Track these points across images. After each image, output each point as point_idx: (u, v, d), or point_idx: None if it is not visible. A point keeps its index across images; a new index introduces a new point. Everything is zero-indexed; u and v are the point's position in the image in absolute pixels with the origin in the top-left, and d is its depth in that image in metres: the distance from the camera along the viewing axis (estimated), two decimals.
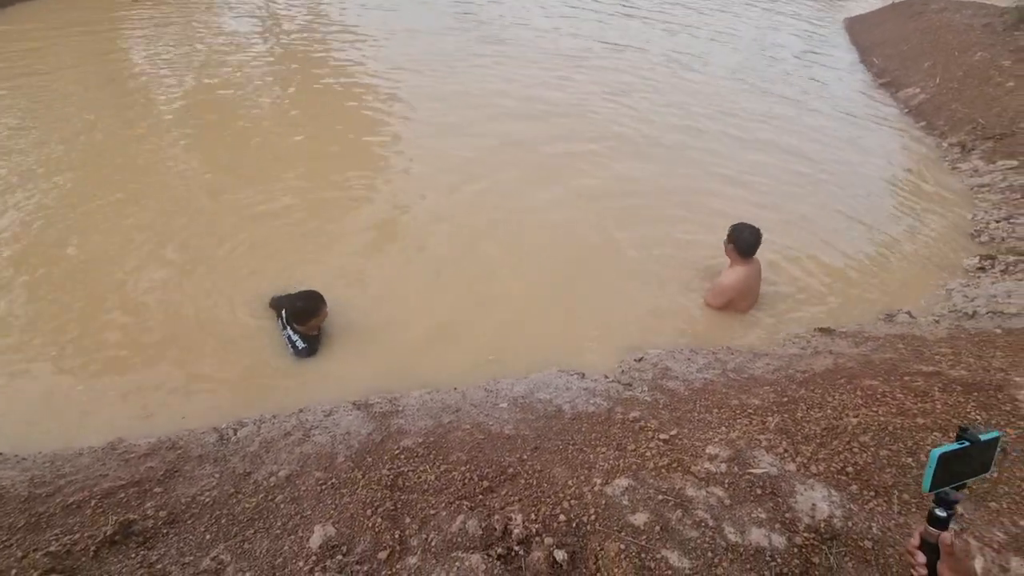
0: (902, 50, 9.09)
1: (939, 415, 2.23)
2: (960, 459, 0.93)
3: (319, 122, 5.82)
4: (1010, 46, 7.75)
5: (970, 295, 4.07)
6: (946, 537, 0.92)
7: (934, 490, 0.94)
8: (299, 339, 3.18)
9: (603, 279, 3.93)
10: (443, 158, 5.22)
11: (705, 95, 7.33)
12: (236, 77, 6.57)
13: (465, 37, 8.50)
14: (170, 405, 2.85)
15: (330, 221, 4.26)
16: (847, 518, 1.79)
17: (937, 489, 0.94)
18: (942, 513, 0.95)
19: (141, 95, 6.05)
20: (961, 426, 0.94)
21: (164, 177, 4.62)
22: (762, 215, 4.69)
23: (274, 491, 2.03)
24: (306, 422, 2.57)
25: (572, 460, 2.13)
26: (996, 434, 0.94)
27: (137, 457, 2.35)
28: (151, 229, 3.99)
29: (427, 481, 2.03)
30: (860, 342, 3.36)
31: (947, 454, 0.91)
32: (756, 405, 2.48)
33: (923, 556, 0.95)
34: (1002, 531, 1.81)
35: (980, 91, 6.81)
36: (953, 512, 0.95)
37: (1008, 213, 4.95)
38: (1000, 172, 5.56)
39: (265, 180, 4.64)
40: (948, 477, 0.93)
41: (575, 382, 2.91)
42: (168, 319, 3.32)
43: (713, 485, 1.90)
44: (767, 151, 5.99)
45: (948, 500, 0.94)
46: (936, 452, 0.91)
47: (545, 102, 6.56)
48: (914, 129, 6.97)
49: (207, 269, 3.69)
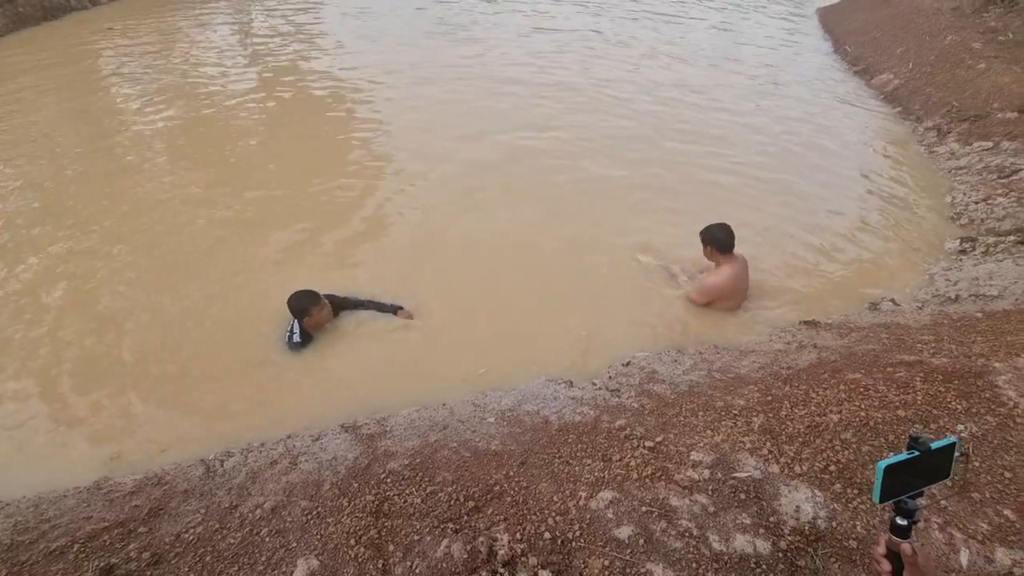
0: (875, 37, 9.17)
1: (920, 406, 2.25)
2: (911, 468, 0.92)
3: (304, 145, 5.82)
4: (979, 28, 7.84)
5: (952, 279, 4.10)
6: (906, 548, 0.92)
7: (886, 501, 0.93)
8: (297, 332, 3.33)
9: (590, 283, 3.94)
10: (434, 170, 5.23)
11: (679, 85, 7.39)
12: (217, 103, 6.56)
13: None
14: (151, 438, 2.84)
15: (312, 237, 4.27)
16: (831, 518, 1.79)
17: (889, 500, 0.93)
18: (902, 522, 0.95)
19: (118, 121, 6.03)
20: (911, 435, 0.94)
21: (141, 205, 4.61)
22: (743, 210, 4.72)
23: (259, 524, 2.01)
24: (293, 448, 2.55)
25: (558, 474, 2.13)
26: (951, 440, 0.94)
27: (122, 496, 2.33)
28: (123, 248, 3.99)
29: (413, 505, 2.02)
30: (845, 333, 3.38)
31: (893, 465, 0.91)
32: (741, 406, 2.48)
33: (889, 564, 0.96)
34: (986, 522, 1.82)
35: (953, 74, 6.88)
36: (915, 520, 0.95)
37: (986, 194, 4.99)
38: (976, 154, 5.61)
39: (246, 198, 4.64)
40: (900, 487, 0.93)
41: (562, 391, 2.91)
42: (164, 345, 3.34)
43: (697, 493, 1.90)
44: (742, 144, 6.02)
45: (907, 509, 0.94)
46: (882, 464, 0.91)
47: (537, 112, 6.59)
48: (890, 114, 7.03)
49: (186, 294, 3.69)
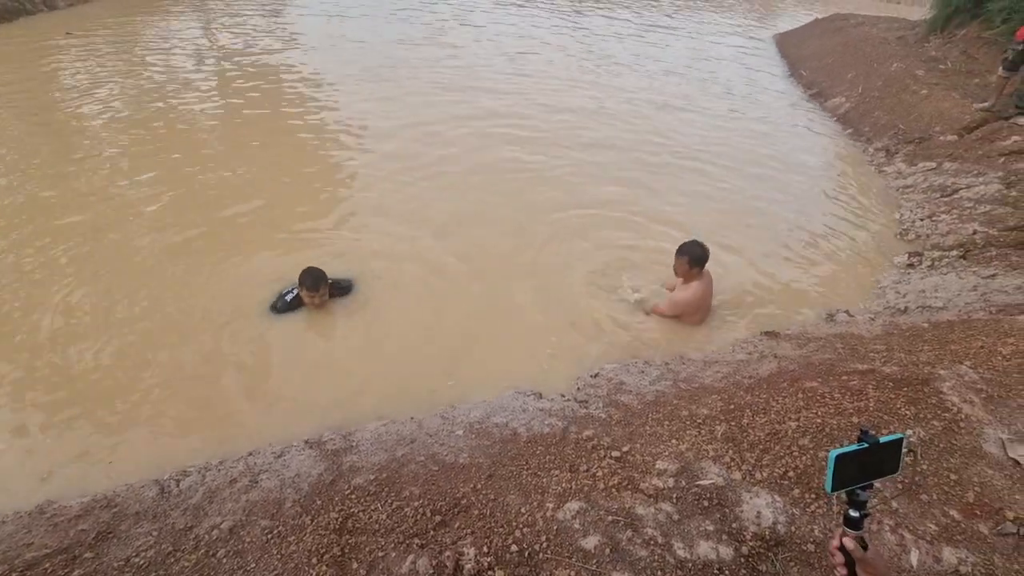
0: (827, 63, 9.69)
1: (872, 412, 2.34)
2: (861, 460, 0.96)
3: (268, 152, 5.72)
4: (922, 56, 8.38)
5: (902, 291, 4.31)
6: (848, 544, 0.96)
7: (837, 490, 0.97)
8: (290, 297, 3.53)
9: (559, 295, 3.98)
10: (396, 181, 5.22)
11: (644, 104, 7.61)
12: (179, 109, 6.41)
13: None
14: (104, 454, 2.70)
15: (278, 248, 4.18)
16: (790, 523, 1.84)
17: (841, 489, 0.97)
18: (855, 513, 0.98)
19: (79, 133, 5.81)
20: (862, 428, 0.98)
21: (98, 222, 4.44)
22: (706, 226, 4.87)
23: (216, 545, 1.93)
24: (255, 466, 2.47)
25: (526, 485, 2.12)
26: (898, 436, 0.98)
27: (67, 520, 2.20)
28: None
29: (378, 521, 1.97)
30: (803, 343, 3.50)
31: (845, 455, 0.95)
32: (705, 415, 2.54)
33: (842, 556, 0.99)
34: (934, 523, 1.90)
35: (899, 99, 7.31)
36: (867, 513, 0.99)
37: (930, 212, 5.30)
38: (921, 174, 5.96)
39: (204, 220, 4.52)
40: (852, 477, 0.97)
41: (531, 403, 2.91)
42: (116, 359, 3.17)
43: (662, 501, 1.92)
44: (705, 164, 6.23)
45: (859, 500, 0.98)
46: (834, 452, 0.94)
47: (502, 121, 6.67)
48: (843, 136, 7.41)
49: (136, 303, 3.55)
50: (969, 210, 5.05)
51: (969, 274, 4.28)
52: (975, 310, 3.71)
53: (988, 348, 2.95)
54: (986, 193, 5.16)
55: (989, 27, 7.81)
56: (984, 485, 2.01)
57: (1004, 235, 4.59)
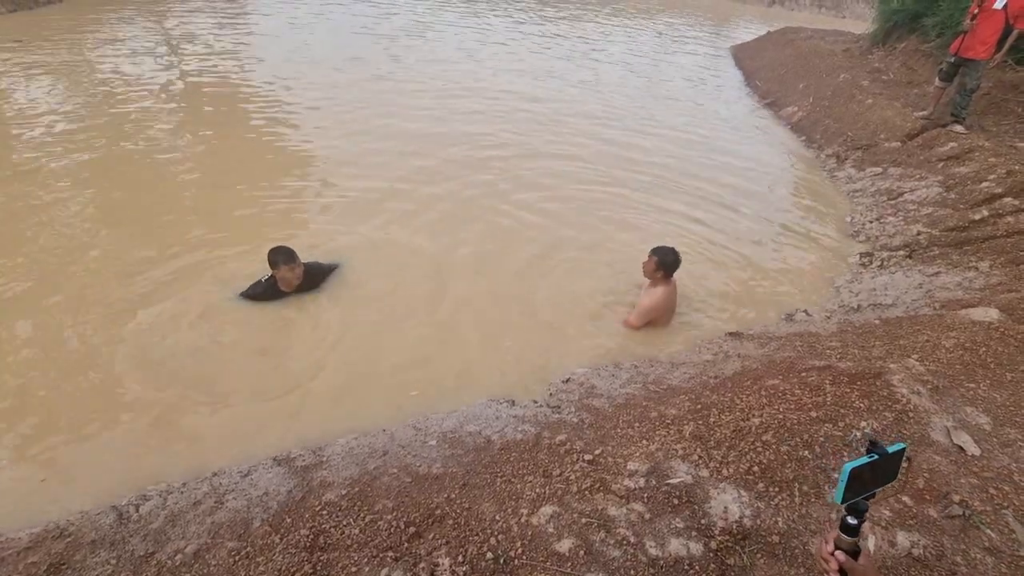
0: (780, 73, 10.14)
1: (829, 407, 2.45)
2: (870, 471, 0.99)
3: (226, 164, 5.58)
4: (867, 68, 8.86)
5: (855, 290, 4.53)
6: (839, 556, 0.99)
7: (847, 502, 0.99)
8: (266, 283, 3.58)
9: (530, 302, 4.01)
10: (362, 194, 5.18)
11: (608, 118, 7.79)
12: (136, 121, 6.19)
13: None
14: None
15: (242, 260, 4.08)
16: (756, 516, 1.91)
17: (850, 500, 1.00)
18: (853, 521, 1.01)
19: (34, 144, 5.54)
20: (871, 440, 1.01)
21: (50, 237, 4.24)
22: (670, 231, 5.00)
23: (179, 570, 1.86)
24: (220, 486, 2.40)
25: (500, 493, 2.13)
26: (901, 446, 1.02)
27: (15, 553, 2.08)
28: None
29: (351, 536, 1.94)
30: (765, 343, 3.63)
31: (858, 468, 0.97)
32: (673, 415, 2.60)
33: (836, 563, 1.01)
34: (888, 509, 2.00)
35: (847, 108, 7.71)
36: (863, 519, 1.02)
37: (879, 214, 5.59)
38: (869, 178, 6.29)
39: (164, 233, 4.38)
40: (859, 488, 0.99)
41: (504, 410, 2.92)
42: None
43: (634, 501, 1.96)
44: (663, 172, 6.41)
45: (859, 509, 1.01)
46: (848, 466, 0.96)
47: (467, 131, 6.70)
48: (796, 143, 7.75)
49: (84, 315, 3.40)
50: (913, 212, 5.35)
51: (915, 272, 4.53)
52: (921, 306, 3.93)
53: (933, 342, 3.12)
54: (927, 196, 5.48)
55: (926, 40, 8.33)
56: (932, 471, 2.13)
57: (945, 235, 4.88)
